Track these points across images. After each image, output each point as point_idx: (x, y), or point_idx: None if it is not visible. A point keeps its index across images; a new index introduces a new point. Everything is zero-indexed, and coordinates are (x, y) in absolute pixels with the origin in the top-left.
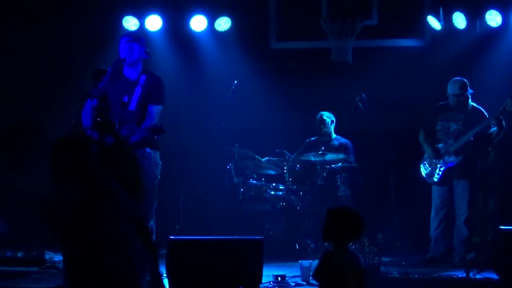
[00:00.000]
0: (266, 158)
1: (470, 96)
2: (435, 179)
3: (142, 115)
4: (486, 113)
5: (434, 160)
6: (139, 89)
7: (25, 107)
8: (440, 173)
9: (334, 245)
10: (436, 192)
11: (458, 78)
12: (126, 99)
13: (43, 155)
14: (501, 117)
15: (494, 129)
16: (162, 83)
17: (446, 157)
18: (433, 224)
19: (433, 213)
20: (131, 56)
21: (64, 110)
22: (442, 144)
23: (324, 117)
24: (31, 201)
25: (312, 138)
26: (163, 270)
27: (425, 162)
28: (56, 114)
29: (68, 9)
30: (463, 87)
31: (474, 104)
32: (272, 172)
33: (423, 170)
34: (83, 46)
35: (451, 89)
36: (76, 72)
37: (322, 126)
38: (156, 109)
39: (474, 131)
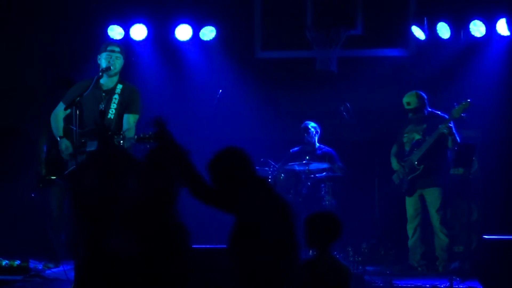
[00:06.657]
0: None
1: (421, 107)
2: (403, 190)
3: (120, 123)
4: (445, 115)
5: (400, 171)
6: (117, 98)
7: (10, 114)
8: (407, 183)
9: (316, 251)
10: (408, 202)
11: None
12: (102, 106)
13: (27, 163)
14: (450, 125)
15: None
16: (138, 92)
17: (409, 168)
18: (409, 234)
19: (408, 223)
20: (116, 67)
21: (49, 118)
22: (408, 155)
23: (309, 126)
24: (16, 208)
25: (295, 148)
26: None
27: (395, 175)
28: (41, 122)
29: (52, 17)
30: (414, 102)
31: (432, 110)
32: None
33: (395, 182)
34: (68, 54)
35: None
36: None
37: (306, 135)
38: (134, 119)
39: (432, 139)
